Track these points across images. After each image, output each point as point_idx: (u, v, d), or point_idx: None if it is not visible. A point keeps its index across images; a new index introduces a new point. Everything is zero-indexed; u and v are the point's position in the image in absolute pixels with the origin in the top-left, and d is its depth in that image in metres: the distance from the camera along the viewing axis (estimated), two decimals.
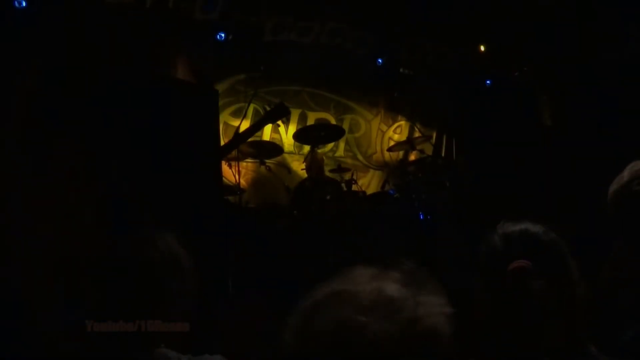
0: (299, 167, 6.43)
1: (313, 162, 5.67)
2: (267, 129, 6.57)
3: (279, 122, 3.94)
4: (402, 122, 7.63)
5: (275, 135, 6.55)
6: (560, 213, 5.59)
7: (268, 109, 3.70)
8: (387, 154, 7.34)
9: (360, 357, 0.77)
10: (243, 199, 5.27)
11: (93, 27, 5.04)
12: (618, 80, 6.38)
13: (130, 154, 3.03)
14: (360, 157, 7.32)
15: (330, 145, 6.96)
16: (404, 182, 5.80)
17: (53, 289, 2.21)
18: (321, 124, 6.33)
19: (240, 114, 6.12)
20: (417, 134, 7.19)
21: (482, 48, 6.80)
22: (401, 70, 7.26)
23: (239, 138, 3.42)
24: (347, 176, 5.75)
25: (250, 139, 4.89)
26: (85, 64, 3.90)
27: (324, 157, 6.30)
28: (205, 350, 1.59)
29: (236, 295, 3.49)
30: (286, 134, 6.56)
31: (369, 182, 7.25)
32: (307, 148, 5.84)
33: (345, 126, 7.05)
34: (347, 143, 7.21)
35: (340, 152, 7.16)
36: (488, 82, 7.47)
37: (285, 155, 6.48)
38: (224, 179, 5.31)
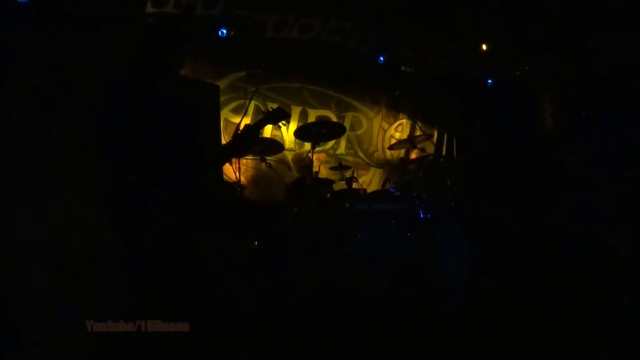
0: None
1: (301, 164, 5.69)
2: (268, 126, 6.56)
3: (281, 123, 3.92)
4: (404, 121, 7.63)
5: (276, 133, 6.55)
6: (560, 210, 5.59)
7: (270, 109, 3.69)
8: (388, 152, 7.34)
9: None
10: (243, 196, 5.27)
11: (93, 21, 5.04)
12: (618, 81, 6.37)
13: (130, 150, 3.02)
14: (361, 155, 7.31)
15: (332, 143, 6.96)
16: (405, 181, 5.79)
17: (53, 289, 2.21)
18: (322, 122, 6.31)
19: (241, 110, 6.11)
20: (418, 133, 7.18)
21: (484, 47, 6.78)
22: (403, 68, 7.25)
23: (237, 142, 3.39)
24: (348, 174, 5.75)
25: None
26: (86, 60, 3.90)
27: (325, 154, 6.32)
28: (205, 350, 1.59)
29: (236, 293, 3.48)
30: (287, 131, 6.55)
31: (369, 180, 7.25)
32: (307, 145, 5.83)
33: (347, 124, 7.05)
34: (348, 141, 7.20)
35: (342, 149, 7.16)
36: (489, 81, 7.46)
37: (286, 153, 6.48)
38: (224, 175, 5.32)
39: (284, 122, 3.89)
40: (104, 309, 1.53)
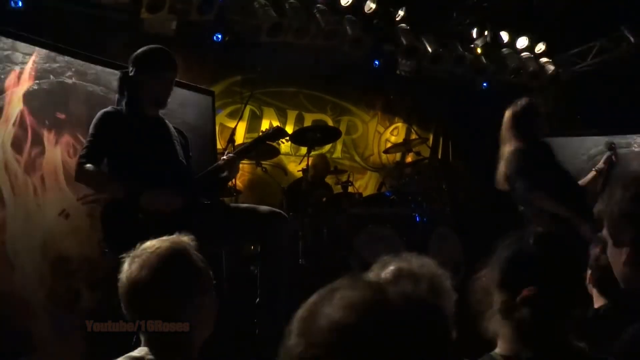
0: (295, 168, 6.42)
1: (319, 164, 5.68)
2: (263, 128, 6.54)
3: (281, 141, 3.94)
4: (399, 124, 7.64)
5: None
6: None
7: (269, 127, 3.70)
8: (383, 156, 7.34)
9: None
10: (239, 201, 5.26)
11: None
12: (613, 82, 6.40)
13: (128, 152, 3.01)
14: (357, 158, 7.32)
15: (328, 147, 6.95)
16: (401, 184, 5.80)
17: (54, 289, 2.19)
18: (318, 126, 6.31)
19: (236, 115, 6.11)
20: (413, 136, 7.20)
21: (479, 50, 6.79)
22: (398, 72, 7.24)
23: (232, 159, 3.33)
24: (344, 178, 5.75)
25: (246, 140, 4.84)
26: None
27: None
28: (205, 351, 1.57)
29: (233, 295, 3.47)
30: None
31: (365, 184, 7.25)
32: (303, 149, 5.84)
33: (342, 128, 7.05)
34: (344, 145, 7.21)
35: (338, 153, 7.16)
36: (485, 84, 7.46)
37: (282, 157, 6.46)
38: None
39: (282, 140, 3.90)
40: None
